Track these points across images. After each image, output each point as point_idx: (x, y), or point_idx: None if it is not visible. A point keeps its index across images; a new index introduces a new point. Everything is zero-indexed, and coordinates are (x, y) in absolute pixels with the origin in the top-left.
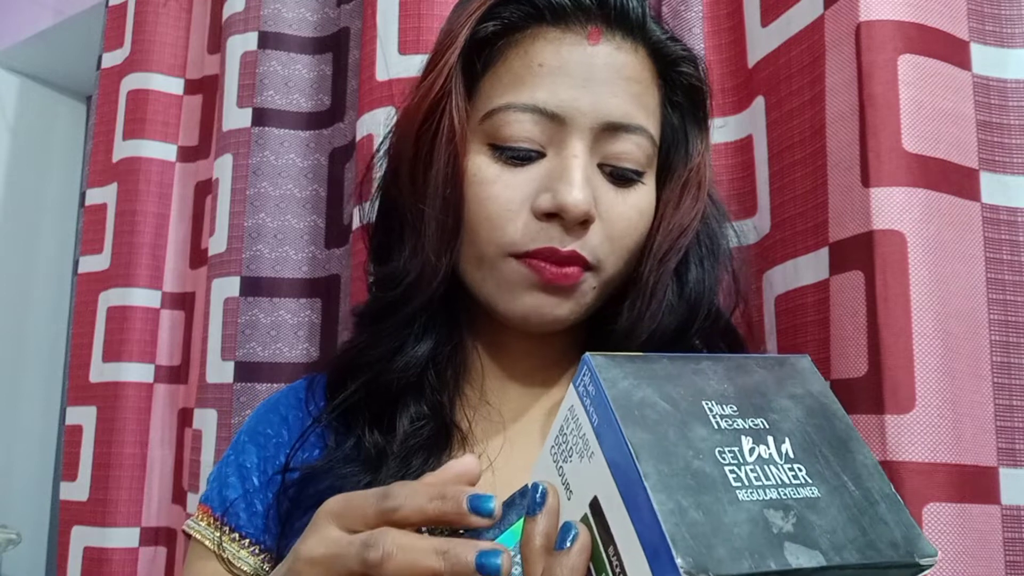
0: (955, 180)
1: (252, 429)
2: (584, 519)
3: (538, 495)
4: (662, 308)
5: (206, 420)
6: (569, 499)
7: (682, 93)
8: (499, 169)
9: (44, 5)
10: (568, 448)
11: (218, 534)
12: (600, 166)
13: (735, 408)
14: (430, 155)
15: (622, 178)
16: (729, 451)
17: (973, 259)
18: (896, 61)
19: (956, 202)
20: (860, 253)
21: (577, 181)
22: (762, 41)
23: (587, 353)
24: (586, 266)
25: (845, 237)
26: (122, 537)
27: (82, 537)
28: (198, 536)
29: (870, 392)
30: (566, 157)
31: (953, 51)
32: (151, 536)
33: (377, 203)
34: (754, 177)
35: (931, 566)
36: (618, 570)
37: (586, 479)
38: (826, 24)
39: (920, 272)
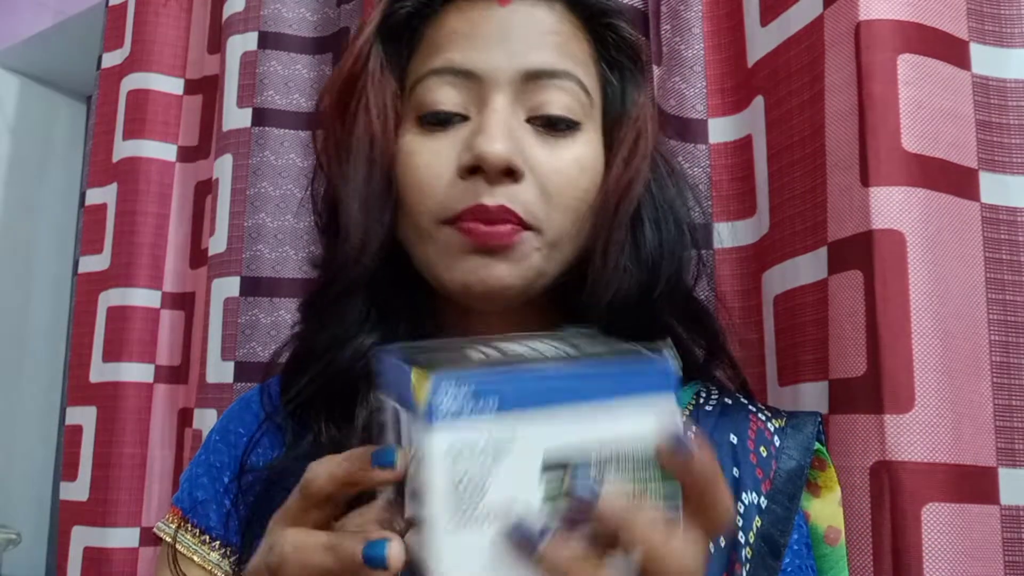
0: (954, 180)
1: (223, 428)
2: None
3: None
4: (618, 272)
5: (206, 420)
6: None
7: (615, 49)
8: (425, 138)
9: (44, 5)
10: None
11: (187, 536)
12: (530, 120)
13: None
14: (348, 135)
15: (554, 127)
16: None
17: (972, 259)
18: (895, 60)
19: (955, 202)
20: (859, 253)
21: (494, 132)
22: (761, 40)
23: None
24: (522, 224)
25: (844, 237)
26: (122, 537)
27: (82, 537)
28: (168, 539)
29: (869, 392)
30: (486, 113)
31: (952, 51)
32: (151, 536)
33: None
34: (753, 177)
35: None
36: None
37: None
38: (825, 23)
39: (919, 272)
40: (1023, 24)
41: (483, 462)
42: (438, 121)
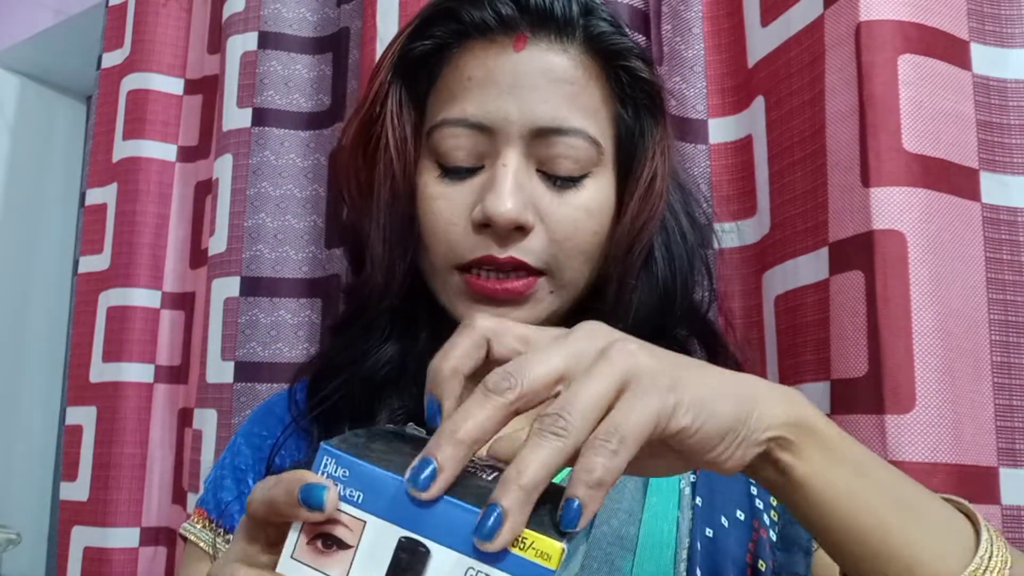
0: (955, 180)
1: (248, 431)
2: None
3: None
4: (633, 304)
5: (206, 420)
6: None
7: (630, 88)
8: (442, 184)
9: (44, 5)
10: None
11: (213, 536)
12: (539, 171)
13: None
14: (370, 172)
15: (563, 179)
16: None
17: (973, 259)
18: (896, 61)
19: (956, 202)
20: (860, 253)
21: (503, 191)
22: (762, 41)
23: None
24: (533, 271)
25: (845, 237)
26: (122, 537)
27: (82, 537)
28: (193, 539)
29: (870, 392)
30: (497, 167)
31: (953, 51)
32: (151, 536)
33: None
34: (754, 177)
35: None
36: None
37: None
38: (826, 24)
39: (920, 272)
40: (1023, 24)
41: None
42: (455, 170)
